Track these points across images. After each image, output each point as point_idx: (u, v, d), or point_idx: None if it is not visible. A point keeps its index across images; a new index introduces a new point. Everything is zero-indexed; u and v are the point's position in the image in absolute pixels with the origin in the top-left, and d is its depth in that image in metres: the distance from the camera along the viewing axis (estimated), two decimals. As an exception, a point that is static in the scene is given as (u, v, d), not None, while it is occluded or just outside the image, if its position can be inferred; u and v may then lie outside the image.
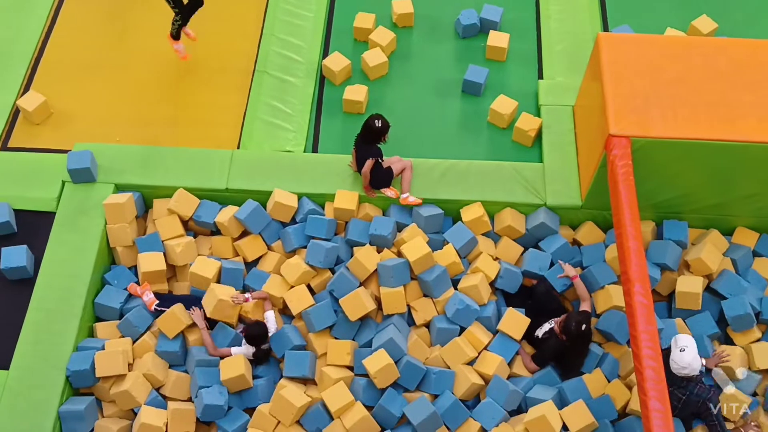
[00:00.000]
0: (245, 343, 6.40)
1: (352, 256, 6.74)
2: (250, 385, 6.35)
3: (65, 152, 7.21)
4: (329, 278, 6.70)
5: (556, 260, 6.84)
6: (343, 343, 6.45)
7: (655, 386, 5.36)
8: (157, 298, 6.65)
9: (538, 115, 7.62)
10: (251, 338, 6.36)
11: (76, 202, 7.02)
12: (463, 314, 6.48)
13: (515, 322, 6.51)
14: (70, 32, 8.25)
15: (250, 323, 6.51)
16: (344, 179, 7.15)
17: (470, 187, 7.10)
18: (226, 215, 6.92)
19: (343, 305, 6.46)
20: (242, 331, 6.53)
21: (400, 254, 6.74)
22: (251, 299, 6.53)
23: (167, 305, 6.54)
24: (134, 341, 6.55)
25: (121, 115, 7.68)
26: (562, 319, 6.34)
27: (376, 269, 6.60)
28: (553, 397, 6.21)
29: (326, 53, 8.16)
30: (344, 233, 7.01)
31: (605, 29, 8.33)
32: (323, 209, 7.07)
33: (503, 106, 7.59)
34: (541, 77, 7.98)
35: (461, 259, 6.82)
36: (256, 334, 6.35)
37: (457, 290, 6.65)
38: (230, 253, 7.00)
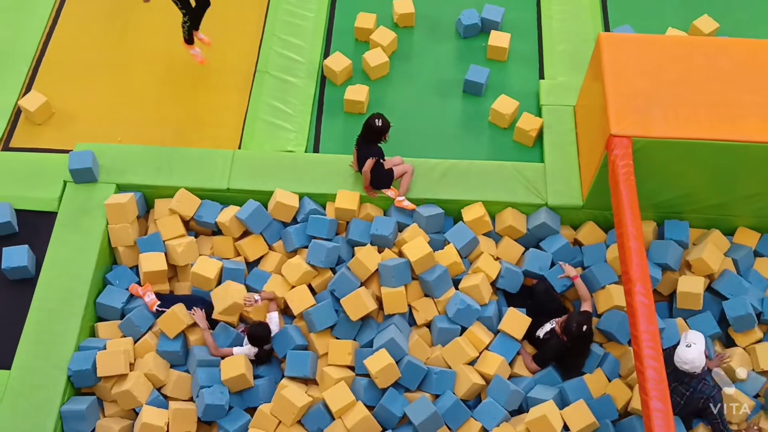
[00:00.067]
0: (247, 342, 6.40)
1: (353, 256, 6.74)
2: (250, 384, 6.35)
3: (67, 152, 7.21)
4: (330, 278, 6.70)
5: (557, 260, 6.84)
6: (344, 343, 6.45)
7: (656, 386, 5.35)
8: (158, 298, 6.65)
9: (539, 115, 7.62)
10: (254, 339, 6.34)
11: (77, 202, 7.02)
12: (464, 314, 6.48)
13: (516, 322, 6.50)
14: (71, 32, 8.25)
15: (252, 324, 6.50)
16: (345, 179, 7.15)
17: (471, 187, 7.10)
18: (227, 215, 6.92)
19: (344, 305, 6.46)
20: (243, 330, 6.54)
21: (401, 254, 6.73)
22: (260, 301, 6.52)
23: (168, 305, 6.53)
24: (135, 341, 6.55)
25: (122, 115, 7.69)
26: (563, 319, 6.34)
27: (377, 269, 6.60)
28: (554, 397, 6.21)
29: (327, 53, 8.16)
30: (345, 233, 7.01)
31: (606, 29, 8.32)
32: (324, 209, 7.07)
33: (504, 106, 7.59)
34: (542, 77, 7.98)
35: (462, 259, 6.82)
36: (259, 334, 6.34)
37: (458, 290, 6.64)
38: (231, 253, 7.00)
